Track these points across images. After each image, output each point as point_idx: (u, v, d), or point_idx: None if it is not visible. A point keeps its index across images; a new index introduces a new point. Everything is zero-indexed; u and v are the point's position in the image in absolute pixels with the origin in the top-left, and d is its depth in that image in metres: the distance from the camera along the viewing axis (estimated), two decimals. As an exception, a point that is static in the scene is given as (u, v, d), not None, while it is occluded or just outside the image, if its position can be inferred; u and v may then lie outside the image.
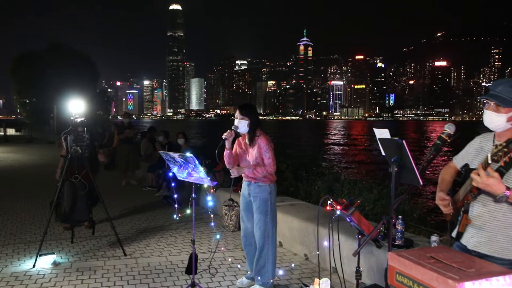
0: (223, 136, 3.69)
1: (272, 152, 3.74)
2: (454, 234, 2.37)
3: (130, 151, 9.83)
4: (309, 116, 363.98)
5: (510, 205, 2.11)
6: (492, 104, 2.17)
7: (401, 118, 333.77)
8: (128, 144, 9.80)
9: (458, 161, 2.45)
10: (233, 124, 3.75)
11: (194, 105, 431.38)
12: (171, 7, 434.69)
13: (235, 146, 3.96)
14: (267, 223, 3.78)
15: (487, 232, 2.18)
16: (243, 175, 3.89)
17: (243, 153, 3.89)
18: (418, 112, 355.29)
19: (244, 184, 3.93)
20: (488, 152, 2.26)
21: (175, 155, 3.62)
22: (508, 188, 1.97)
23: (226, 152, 3.82)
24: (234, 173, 3.83)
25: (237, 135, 3.90)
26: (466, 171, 2.32)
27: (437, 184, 2.51)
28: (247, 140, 3.84)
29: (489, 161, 1.93)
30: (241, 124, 3.73)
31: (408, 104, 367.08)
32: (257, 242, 3.84)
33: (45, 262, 4.49)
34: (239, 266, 4.54)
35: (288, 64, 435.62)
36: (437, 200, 2.40)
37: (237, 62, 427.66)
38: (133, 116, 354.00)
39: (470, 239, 2.26)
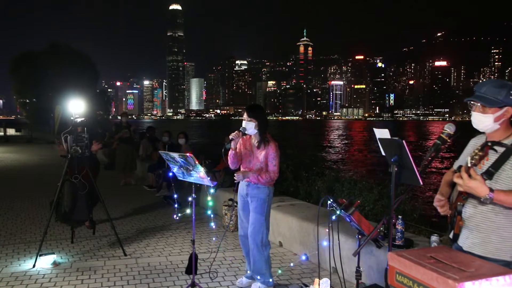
0: (230, 137, 3.73)
1: (278, 159, 3.81)
2: (451, 235, 2.38)
3: (128, 151, 9.78)
4: (309, 116, 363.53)
5: (502, 206, 2.10)
6: (479, 105, 2.19)
7: (401, 118, 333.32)
8: (126, 144, 9.75)
9: (457, 164, 2.45)
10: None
11: (194, 105, 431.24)
12: (171, 7, 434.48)
13: (239, 145, 3.96)
14: (263, 223, 3.85)
15: (481, 233, 2.17)
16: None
17: (247, 154, 3.89)
18: (418, 112, 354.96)
19: (243, 184, 3.94)
20: None
21: (175, 155, 3.62)
22: (491, 190, 1.97)
23: (231, 152, 3.84)
24: (239, 178, 3.85)
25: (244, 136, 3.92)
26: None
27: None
28: (254, 142, 3.86)
29: (469, 164, 1.95)
30: (249, 126, 3.76)
31: (408, 104, 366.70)
32: (252, 241, 3.86)
33: (45, 262, 4.49)
34: (238, 266, 4.54)
35: (288, 64, 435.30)
36: (434, 201, 2.42)
37: (237, 62, 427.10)
38: (133, 116, 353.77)
39: (465, 241, 2.26)
